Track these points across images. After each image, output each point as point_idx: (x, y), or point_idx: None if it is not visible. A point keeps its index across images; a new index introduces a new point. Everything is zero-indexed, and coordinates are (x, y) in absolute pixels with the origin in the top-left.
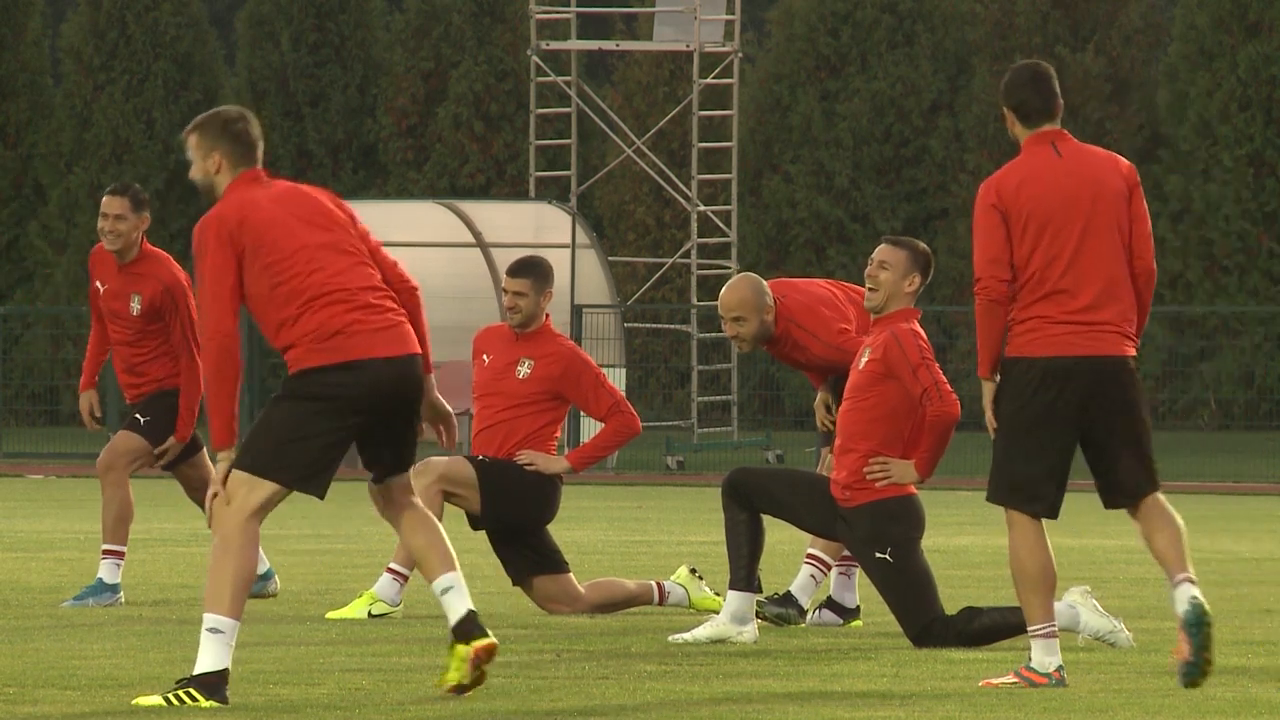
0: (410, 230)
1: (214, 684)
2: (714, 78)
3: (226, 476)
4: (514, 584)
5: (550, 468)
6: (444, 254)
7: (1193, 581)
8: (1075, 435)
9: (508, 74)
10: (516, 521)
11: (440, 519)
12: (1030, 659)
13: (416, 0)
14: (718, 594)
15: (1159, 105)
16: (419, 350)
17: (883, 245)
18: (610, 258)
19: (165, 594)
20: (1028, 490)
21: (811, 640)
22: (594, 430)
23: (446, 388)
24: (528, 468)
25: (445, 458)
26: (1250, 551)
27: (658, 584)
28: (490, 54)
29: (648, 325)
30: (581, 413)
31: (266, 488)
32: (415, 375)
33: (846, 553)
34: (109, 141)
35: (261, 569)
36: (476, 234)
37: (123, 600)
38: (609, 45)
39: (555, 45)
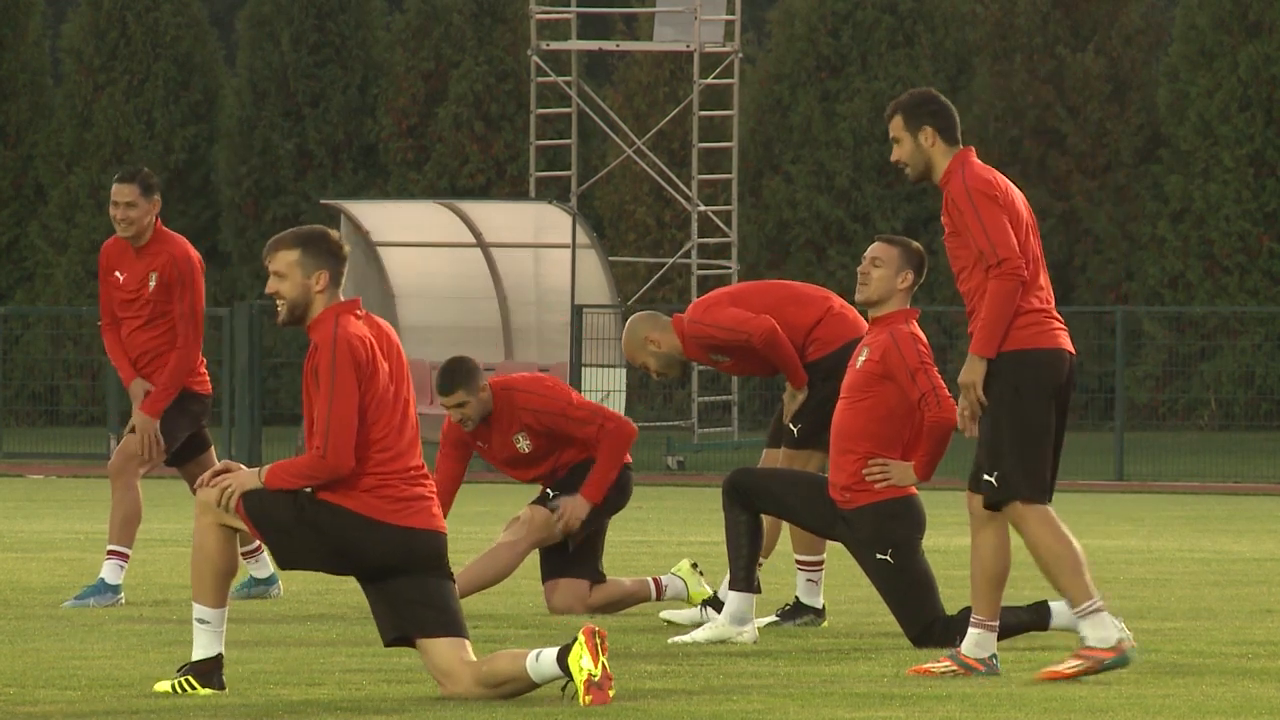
0: (411, 230)
1: (207, 671)
2: (714, 78)
3: (240, 490)
4: (544, 579)
5: (577, 515)
6: (444, 254)
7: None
8: None
9: (508, 74)
10: (607, 519)
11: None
12: (1086, 639)
13: (416, 0)
14: (715, 594)
15: (1159, 105)
16: (440, 526)
17: (876, 243)
18: (610, 258)
19: (165, 594)
20: (1043, 481)
21: (811, 640)
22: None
23: None
24: (561, 523)
25: (528, 513)
26: (1250, 551)
27: (654, 580)
28: (490, 54)
29: None
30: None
31: (248, 527)
32: (426, 549)
33: (802, 556)
34: (109, 141)
35: (264, 573)
36: (477, 234)
37: (123, 601)
38: (609, 45)
39: (555, 45)
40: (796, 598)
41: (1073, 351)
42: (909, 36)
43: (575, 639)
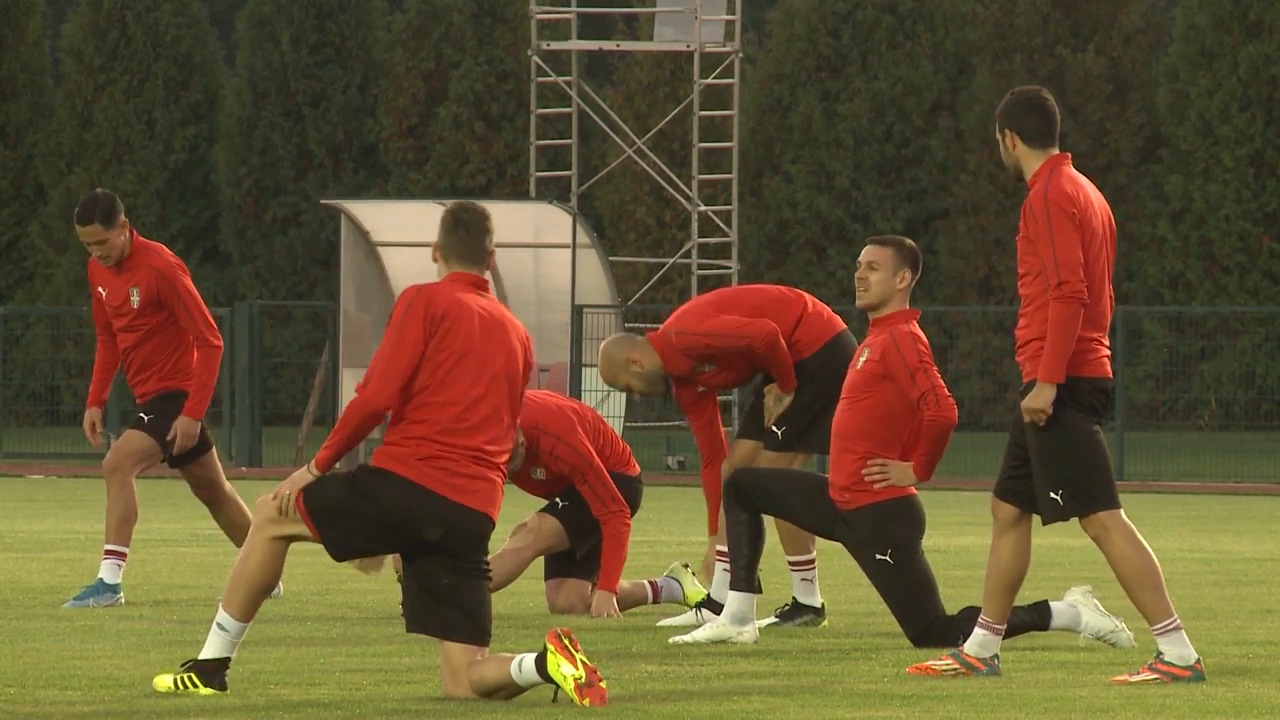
0: (410, 230)
1: (212, 671)
2: (714, 78)
3: (296, 486)
4: (547, 578)
5: (606, 609)
6: None
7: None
8: None
9: (508, 74)
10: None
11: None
12: (1164, 654)
13: (417, 0)
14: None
15: (1159, 105)
16: (492, 513)
17: (868, 246)
18: (611, 258)
19: (165, 594)
20: (1111, 487)
21: (811, 640)
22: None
23: None
24: (595, 614)
25: (535, 521)
26: (1250, 551)
27: (650, 583)
28: (491, 54)
29: (648, 325)
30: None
31: (305, 529)
32: (471, 531)
33: (792, 557)
34: (109, 141)
35: None
36: None
37: (122, 601)
38: (609, 45)
39: (556, 45)
40: (794, 598)
41: (1111, 375)
42: (909, 36)
43: (545, 648)
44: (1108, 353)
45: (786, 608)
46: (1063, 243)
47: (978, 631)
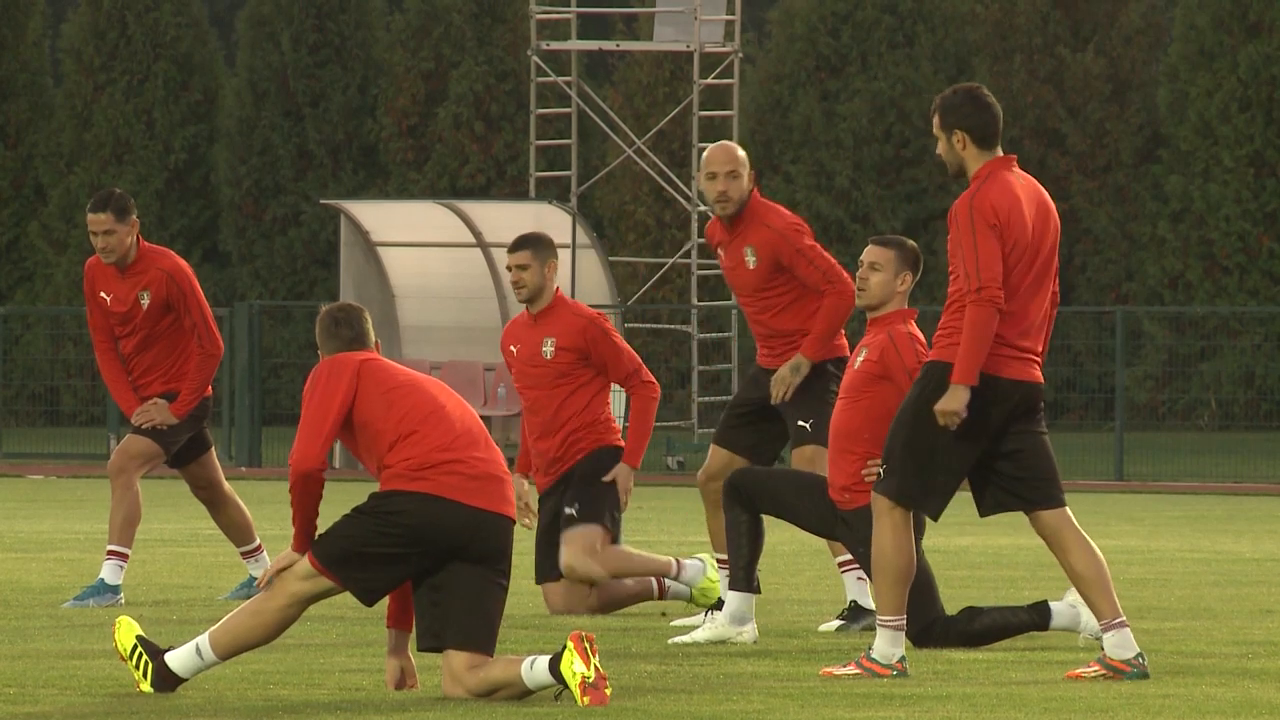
0: (410, 230)
1: (168, 679)
2: (714, 78)
3: (287, 561)
4: (537, 581)
5: (627, 483)
6: (444, 254)
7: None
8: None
9: (508, 74)
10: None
11: None
12: (872, 649)
13: (417, 0)
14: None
15: (1159, 105)
16: (510, 512)
17: (870, 246)
18: (611, 258)
19: (165, 594)
20: (938, 497)
21: (811, 640)
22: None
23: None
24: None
25: None
26: (1250, 551)
27: (656, 580)
28: (490, 54)
29: (648, 325)
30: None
31: (324, 582)
32: (492, 535)
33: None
34: (109, 141)
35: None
36: (477, 234)
37: (122, 601)
38: (609, 45)
39: (555, 45)
40: (853, 601)
41: (1028, 380)
42: (909, 36)
43: (564, 646)
44: (1015, 355)
45: (846, 611)
46: (985, 250)
47: (1110, 634)
